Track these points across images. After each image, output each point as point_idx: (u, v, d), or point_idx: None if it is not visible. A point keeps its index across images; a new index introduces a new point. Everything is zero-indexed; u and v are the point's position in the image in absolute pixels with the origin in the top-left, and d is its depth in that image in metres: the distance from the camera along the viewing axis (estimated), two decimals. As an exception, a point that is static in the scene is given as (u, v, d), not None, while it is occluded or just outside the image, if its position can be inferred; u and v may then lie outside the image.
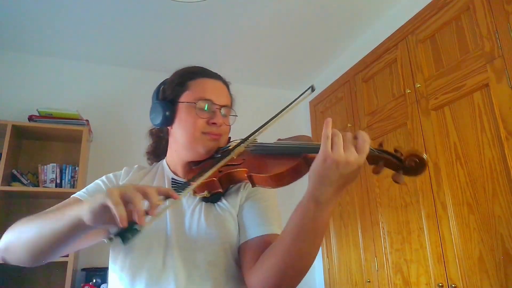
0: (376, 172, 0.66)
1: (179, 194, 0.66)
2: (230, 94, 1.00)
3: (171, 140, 1.00)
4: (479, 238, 1.43)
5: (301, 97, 0.79)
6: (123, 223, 0.57)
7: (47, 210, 0.81)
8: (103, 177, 0.98)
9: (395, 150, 0.67)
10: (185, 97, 0.93)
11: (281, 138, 0.89)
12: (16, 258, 0.76)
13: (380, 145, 0.69)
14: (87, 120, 2.56)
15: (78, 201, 0.88)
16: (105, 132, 2.80)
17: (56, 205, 0.87)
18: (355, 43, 2.76)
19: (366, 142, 0.62)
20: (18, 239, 0.74)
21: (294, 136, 0.85)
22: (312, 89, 0.80)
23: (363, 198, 2.14)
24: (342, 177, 0.62)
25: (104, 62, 2.97)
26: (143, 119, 1.12)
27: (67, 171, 2.44)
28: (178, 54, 2.85)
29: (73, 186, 2.41)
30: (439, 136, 1.66)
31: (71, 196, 0.92)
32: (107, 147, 2.78)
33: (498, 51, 1.44)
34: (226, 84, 1.00)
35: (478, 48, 1.52)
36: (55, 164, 2.43)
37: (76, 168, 2.44)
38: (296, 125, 3.44)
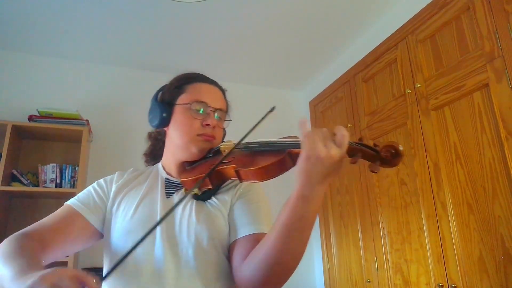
0: (353, 162, 0.69)
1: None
2: (226, 100, 1.05)
3: (167, 141, 1.03)
4: (479, 238, 1.43)
5: (265, 117, 0.84)
6: None
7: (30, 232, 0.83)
8: (95, 184, 1.00)
9: (374, 144, 0.71)
10: (181, 99, 0.98)
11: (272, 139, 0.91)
12: None
13: (360, 139, 0.72)
14: (87, 120, 2.56)
15: (71, 210, 0.91)
16: (105, 132, 2.80)
17: (52, 214, 0.90)
18: (355, 43, 2.76)
19: (345, 136, 0.65)
20: None
21: (284, 136, 0.88)
22: (272, 110, 0.85)
23: (363, 198, 2.14)
24: (327, 170, 0.66)
25: (104, 62, 2.97)
26: (143, 119, 1.13)
27: (67, 171, 2.44)
28: (178, 54, 2.85)
29: (73, 186, 2.41)
30: (439, 136, 1.66)
31: (65, 204, 0.94)
32: (107, 147, 2.79)
33: (498, 51, 1.43)
34: (222, 90, 1.05)
35: (478, 48, 1.52)
36: (55, 164, 2.43)
37: (76, 168, 2.44)
38: (296, 125, 3.43)
